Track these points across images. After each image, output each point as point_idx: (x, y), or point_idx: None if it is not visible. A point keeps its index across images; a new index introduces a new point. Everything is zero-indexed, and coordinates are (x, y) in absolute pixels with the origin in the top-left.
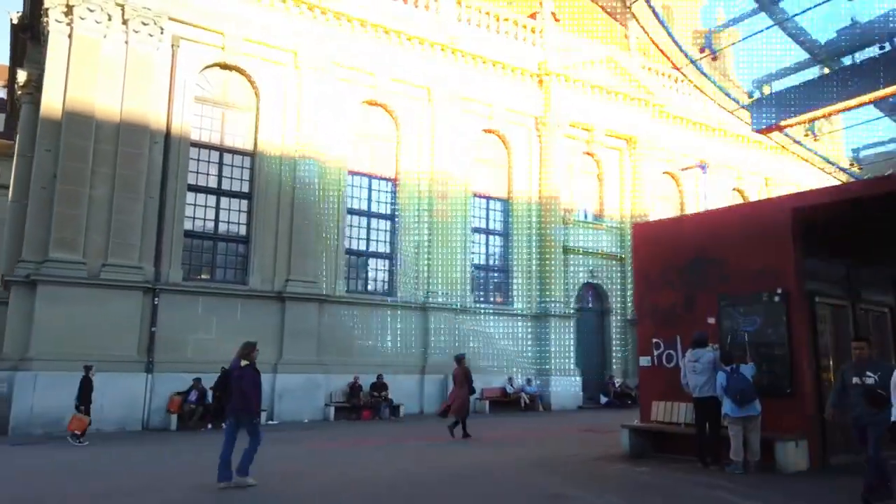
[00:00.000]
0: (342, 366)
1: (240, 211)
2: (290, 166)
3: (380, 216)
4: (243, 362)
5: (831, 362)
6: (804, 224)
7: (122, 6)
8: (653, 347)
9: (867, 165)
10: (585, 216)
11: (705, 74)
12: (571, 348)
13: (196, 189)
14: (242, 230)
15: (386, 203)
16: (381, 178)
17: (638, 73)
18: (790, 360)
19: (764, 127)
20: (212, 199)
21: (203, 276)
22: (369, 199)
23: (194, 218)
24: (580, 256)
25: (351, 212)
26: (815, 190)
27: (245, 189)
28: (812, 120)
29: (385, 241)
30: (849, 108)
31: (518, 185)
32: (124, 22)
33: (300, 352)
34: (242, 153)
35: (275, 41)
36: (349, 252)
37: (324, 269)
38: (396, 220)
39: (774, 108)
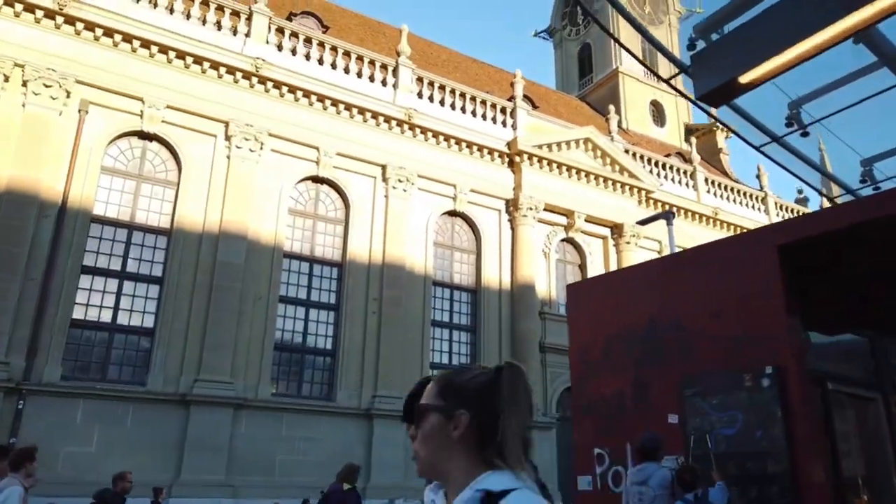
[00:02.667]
0: (260, 488)
1: (146, 297)
2: (212, 246)
3: (321, 306)
4: (346, 486)
5: (860, 485)
6: (800, 270)
7: (23, 66)
8: (594, 462)
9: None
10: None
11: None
12: (555, 466)
13: (93, 271)
14: (149, 320)
15: (329, 291)
16: (324, 263)
17: (621, 157)
18: (792, 482)
19: (711, 89)
20: (112, 284)
21: (90, 375)
22: (308, 286)
23: (88, 305)
24: (561, 356)
25: (285, 300)
26: (812, 214)
27: (156, 272)
28: (781, 70)
29: (326, 335)
30: (832, 44)
31: (488, 273)
32: (24, 83)
33: (204, 470)
34: (158, 232)
35: (203, 110)
36: (280, 347)
37: (245, 367)
38: (341, 310)
39: (730, 57)
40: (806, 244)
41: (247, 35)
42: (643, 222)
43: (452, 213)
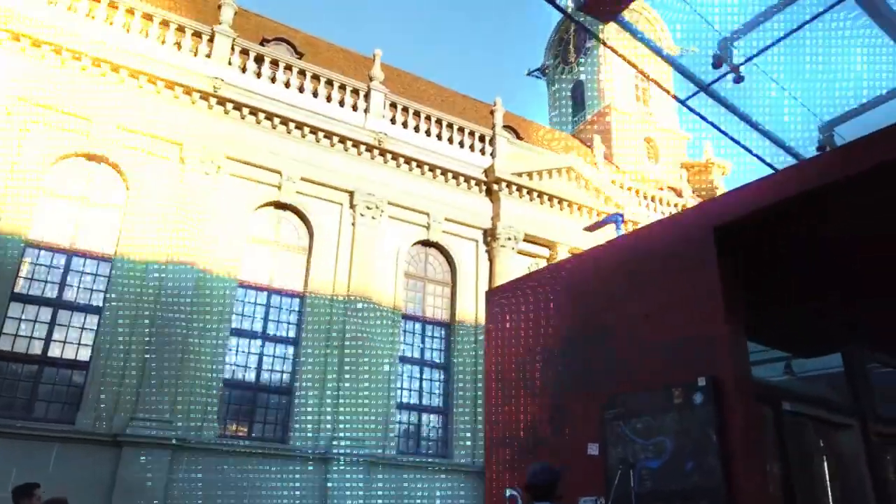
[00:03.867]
0: None
1: (83, 328)
2: (158, 273)
3: (278, 340)
4: None
5: None
6: (744, 260)
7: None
8: None
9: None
10: None
11: None
12: None
13: (25, 299)
14: (84, 353)
15: (288, 324)
16: (283, 294)
17: (606, 187)
18: None
19: None
20: (46, 313)
21: (13, 413)
22: (265, 319)
23: (16, 336)
24: None
25: (238, 333)
26: (754, 183)
27: (96, 301)
28: None
29: (282, 371)
30: None
31: (463, 307)
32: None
33: None
34: (98, 258)
35: (154, 131)
36: (230, 384)
37: (188, 406)
38: (301, 345)
39: None
40: (750, 222)
41: (207, 56)
42: (589, 228)
43: (426, 243)
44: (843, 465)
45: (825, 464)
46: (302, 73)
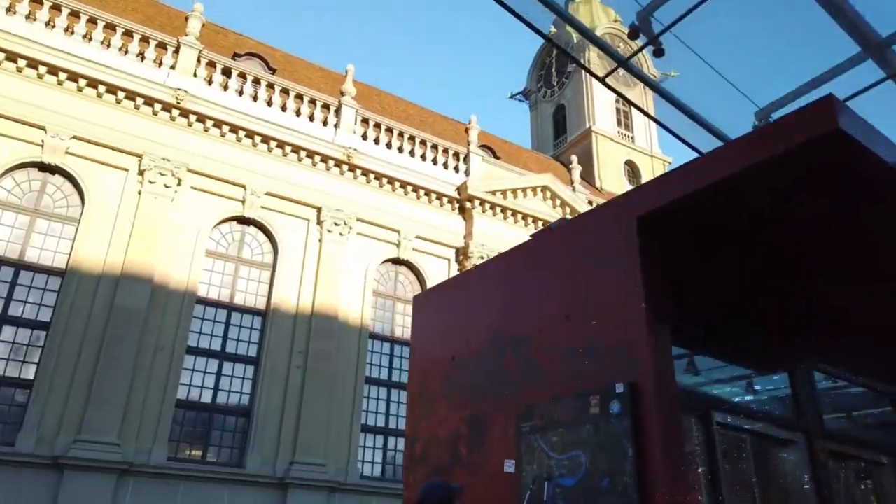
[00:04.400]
0: None
1: (28, 345)
2: (109, 289)
3: (237, 359)
4: None
5: None
6: (675, 256)
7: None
8: None
9: None
10: None
11: None
12: None
13: None
14: (29, 371)
15: (248, 342)
16: (244, 311)
17: (583, 207)
18: None
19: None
20: None
21: None
22: (224, 337)
23: None
24: None
25: (194, 352)
26: (683, 167)
27: (44, 317)
28: None
29: (241, 392)
30: None
31: None
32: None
33: None
34: (48, 271)
35: (112, 142)
36: (184, 405)
37: (137, 428)
38: (261, 364)
39: None
40: (673, 211)
41: (172, 67)
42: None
43: (396, 261)
44: (784, 483)
45: (763, 482)
46: (271, 86)
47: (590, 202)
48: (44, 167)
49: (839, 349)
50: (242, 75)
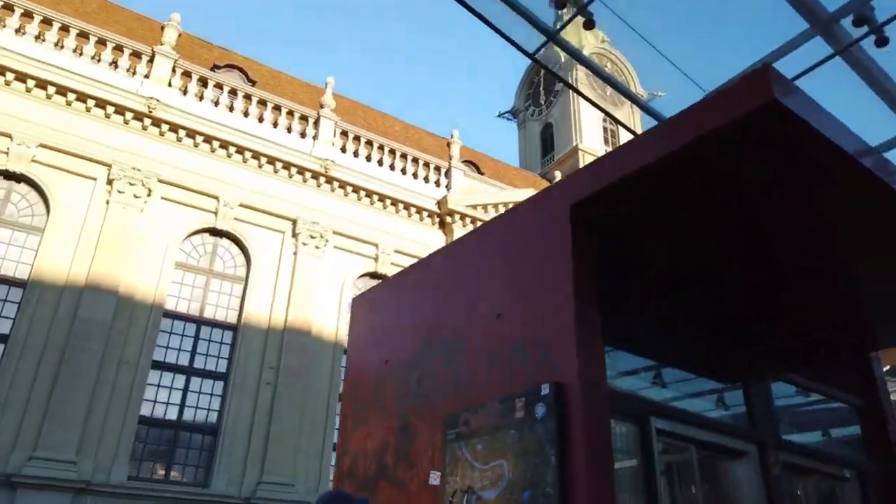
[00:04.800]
0: None
1: None
2: (73, 300)
3: (206, 374)
4: None
5: None
6: (609, 247)
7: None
8: None
9: None
10: None
11: None
12: None
13: None
14: None
15: (217, 357)
16: (214, 325)
17: None
18: None
19: None
20: None
21: None
22: (193, 352)
23: None
24: None
25: (161, 366)
26: (613, 152)
27: (3, 329)
28: None
29: (209, 409)
30: None
31: None
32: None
33: None
34: (10, 282)
35: (81, 150)
36: (147, 422)
37: (97, 445)
38: (230, 380)
39: None
40: (615, 197)
41: (146, 76)
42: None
43: (374, 275)
44: (732, 497)
45: (709, 495)
46: (248, 97)
47: None
48: (9, 175)
49: (796, 355)
50: (219, 86)
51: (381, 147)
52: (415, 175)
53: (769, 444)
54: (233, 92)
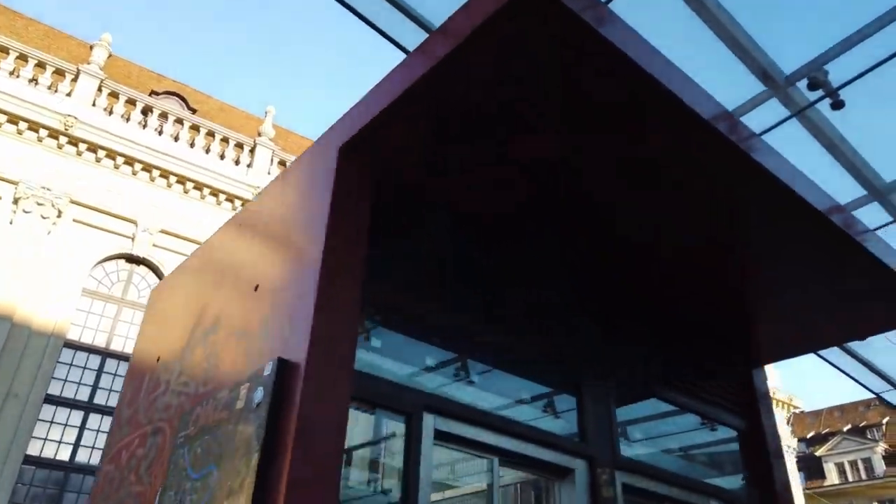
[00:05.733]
0: None
1: None
2: None
3: (106, 411)
4: None
5: None
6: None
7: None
8: None
9: None
10: None
11: None
12: None
13: None
14: None
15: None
16: (122, 358)
17: None
18: None
19: None
20: None
21: None
22: (94, 385)
23: None
24: None
25: (55, 401)
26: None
27: None
28: None
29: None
30: None
31: None
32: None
33: None
34: None
35: None
36: (34, 461)
37: None
38: None
39: None
40: (388, 133)
41: (68, 94)
42: None
43: None
44: None
45: None
46: (180, 121)
47: None
48: None
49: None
50: (149, 109)
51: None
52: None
53: (603, 462)
54: (163, 115)
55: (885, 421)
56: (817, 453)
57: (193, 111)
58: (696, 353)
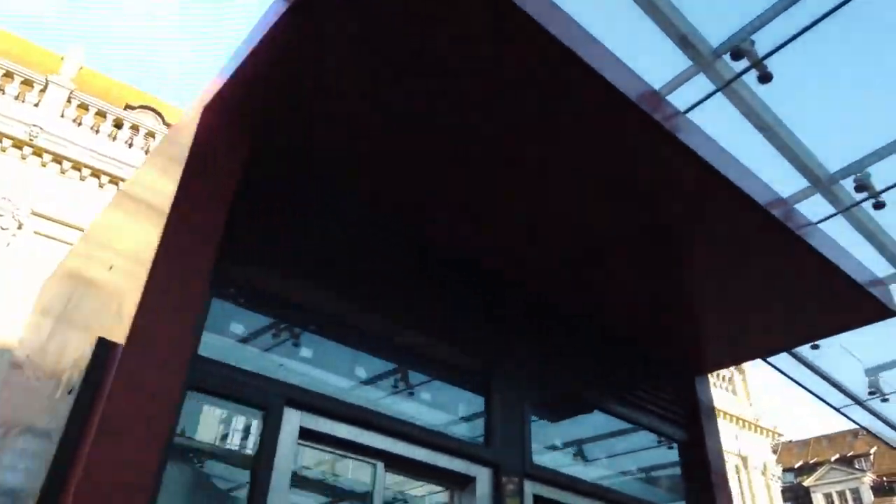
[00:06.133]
0: None
1: None
2: None
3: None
4: None
5: None
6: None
7: None
8: None
9: None
10: None
11: None
12: None
13: None
14: None
15: None
16: None
17: None
18: None
19: None
20: None
21: None
22: None
23: None
24: None
25: None
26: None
27: None
28: None
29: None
30: None
31: None
32: None
33: None
34: None
35: None
36: None
37: None
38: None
39: None
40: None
41: (36, 105)
42: None
43: None
44: None
45: None
46: (151, 134)
47: None
48: None
49: (589, 364)
50: (120, 122)
51: None
52: None
53: (510, 470)
54: (134, 128)
55: (872, 451)
56: (805, 483)
57: (169, 126)
58: (628, 356)
